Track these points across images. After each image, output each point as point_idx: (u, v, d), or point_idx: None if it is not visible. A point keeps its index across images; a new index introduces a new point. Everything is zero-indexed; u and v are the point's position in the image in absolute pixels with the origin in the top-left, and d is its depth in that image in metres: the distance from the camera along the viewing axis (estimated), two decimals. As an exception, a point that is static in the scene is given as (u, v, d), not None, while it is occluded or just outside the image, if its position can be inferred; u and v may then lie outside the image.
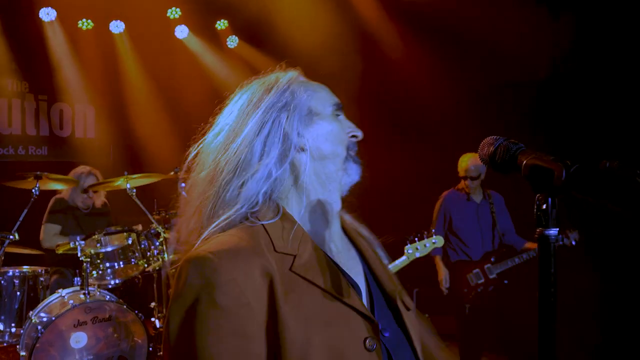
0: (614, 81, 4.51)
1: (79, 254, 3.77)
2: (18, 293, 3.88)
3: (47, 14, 6.05)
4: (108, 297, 3.76)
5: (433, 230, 3.72)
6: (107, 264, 4.11)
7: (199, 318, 0.95)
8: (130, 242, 4.09)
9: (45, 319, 3.53)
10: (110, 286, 4.13)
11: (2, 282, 3.84)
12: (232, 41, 7.04)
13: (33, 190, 3.87)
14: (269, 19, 6.27)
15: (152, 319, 4.37)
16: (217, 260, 0.97)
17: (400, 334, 1.13)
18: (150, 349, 3.80)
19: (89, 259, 3.76)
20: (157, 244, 4.17)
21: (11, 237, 3.74)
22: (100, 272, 4.02)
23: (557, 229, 0.84)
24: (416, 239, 3.59)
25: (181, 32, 6.79)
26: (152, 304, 4.46)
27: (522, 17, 4.94)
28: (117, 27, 6.50)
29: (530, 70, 5.11)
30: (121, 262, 4.10)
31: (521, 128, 4.89)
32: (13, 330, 3.83)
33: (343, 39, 5.90)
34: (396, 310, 1.15)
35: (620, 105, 4.47)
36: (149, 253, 4.20)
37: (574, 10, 4.79)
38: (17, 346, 3.67)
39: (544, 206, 0.83)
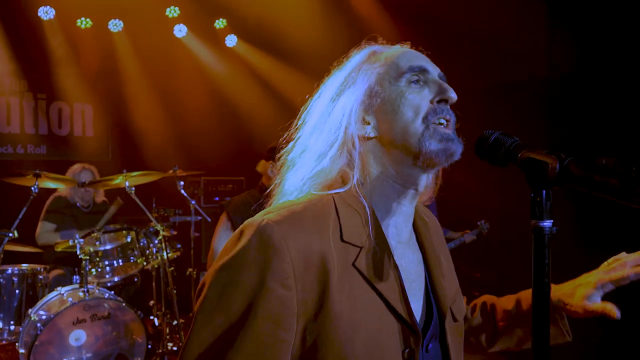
0: (614, 80, 4.50)
1: (78, 252, 3.78)
2: (17, 291, 3.89)
3: (45, 13, 6.05)
4: (107, 294, 3.76)
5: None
6: (106, 262, 4.12)
7: (241, 288, 0.92)
8: (129, 240, 4.10)
9: (44, 317, 3.54)
10: (109, 284, 4.15)
11: (1, 280, 3.85)
12: (231, 40, 7.04)
13: (32, 188, 3.88)
14: (267, 18, 6.29)
15: (151, 317, 4.38)
16: (280, 238, 0.93)
17: (440, 350, 1.09)
18: (149, 346, 3.81)
19: (88, 257, 3.77)
20: (156, 242, 4.19)
21: (10, 234, 3.75)
22: (99, 269, 4.03)
23: (552, 221, 0.85)
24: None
25: (180, 31, 6.79)
26: (151, 302, 4.47)
27: (519, 16, 4.93)
28: (115, 25, 6.50)
29: (528, 70, 5.11)
30: (120, 260, 4.11)
31: (520, 127, 4.89)
32: (12, 328, 3.83)
33: (341, 38, 5.90)
34: (443, 324, 1.11)
35: (622, 104, 4.46)
36: (147, 251, 4.21)
37: (573, 9, 4.78)
38: (16, 344, 3.67)
39: (539, 198, 0.84)
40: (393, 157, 1.05)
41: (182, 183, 4.44)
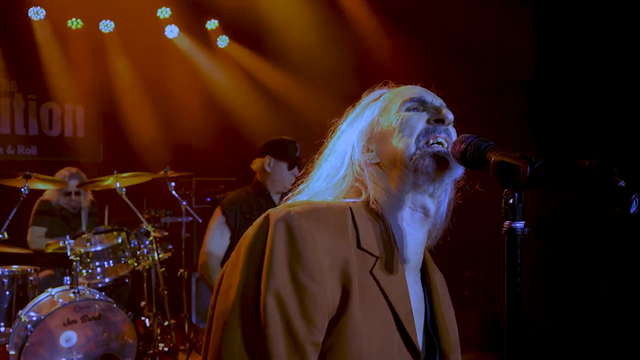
0: (603, 80, 4.50)
1: (69, 253, 3.78)
2: (7, 292, 3.88)
3: (36, 13, 6.03)
4: (98, 295, 3.77)
5: None
6: (97, 263, 4.13)
7: (273, 279, 0.89)
8: (120, 241, 4.11)
9: (34, 318, 3.54)
10: (100, 285, 4.15)
11: (-9, 281, 3.84)
12: (223, 41, 7.05)
13: (22, 190, 3.88)
14: (259, 18, 6.30)
15: (142, 318, 4.39)
16: (308, 230, 0.93)
17: None
18: (140, 347, 3.82)
19: (78, 258, 3.77)
20: (147, 242, 4.20)
21: (0, 236, 3.75)
22: (90, 271, 4.03)
23: (523, 222, 0.88)
24: None
25: (171, 32, 6.78)
26: (142, 303, 4.48)
27: (505, 16, 4.95)
28: (106, 26, 6.49)
29: (515, 71, 5.12)
30: (111, 261, 4.11)
31: (507, 130, 4.90)
32: (2, 329, 3.83)
33: (332, 38, 5.93)
34: None
35: (610, 105, 4.47)
36: (138, 252, 4.22)
37: (559, 8, 4.80)
38: (7, 345, 3.67)
39: (511, 200, 0.88)
40: (396, 179, 1.07)
41: (173, 184, 4.45)
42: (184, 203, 4.56)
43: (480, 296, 5.40)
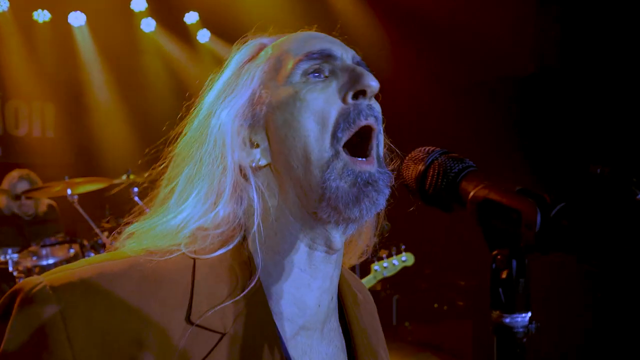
0: (602, 77, 4.28)
1: (11, 269, 3.36)
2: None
3: (-1, 5, 5.62)
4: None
5: (403, 247, 3.30)
6: (50, 278, 3.71)
7: None
8: (72, 253, 3.68)
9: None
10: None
11: None
12: (204, 35, 6.65)
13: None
14: (240, 11, 5.93)
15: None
16: (57, 314, 0.58)
17: None
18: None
19: (22, 275, 3.35)
20: (105, 255, 3.78)
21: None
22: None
23: (529, 313, 0.48)
24: (384, 256, 3.20)
25: (147, 25, 6.39)
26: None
27: (506, 10, 4.67)
28: (77, 19, 6.07)
29: (514, 66, 4.84)
30: (63, 277, 3.70)
31: (502, 126, 4.64)
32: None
33: (317, 30, 5.59)
34: None
35: (609, 104, 4.26)
36: (95, 266, 3.80)
37: (561, 3, 4.55)
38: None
39: (504, 274, 0.47)
40: (292, 196, 0.68)
41: (136, 189, 4.03)
42: (148, 211, 4.14)
43: (473, 305, 5.27)
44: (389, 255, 3.18)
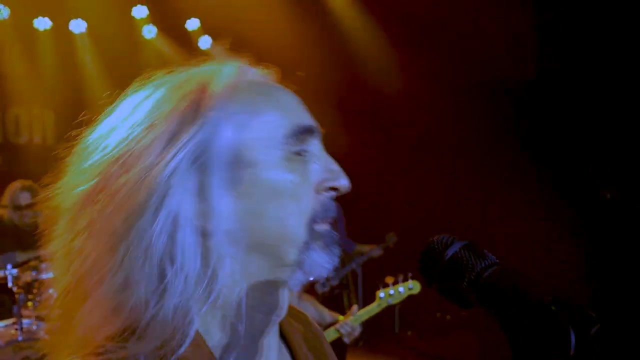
0: (603, 79, 4.26)
1: (10, 284, 3.32)
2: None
3: (-1, 12, 5.59)
4: (44, 332, 3.32)
5: (409, 274, 3.21)
6: (51, 291, 3.67)
7: None
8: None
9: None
10: (52, 317, 3.70)
11: None
12: (205, 42, 6.62)
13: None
14: (241, 18, 5.90)
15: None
16: None
17: None
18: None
19: (22, 290, 3.32)
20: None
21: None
22: (37, 303, 3.57)
23: None
24: (390, 283, 3.11)
25: (149, 32, 6.37)
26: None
27: (507, 12, 4.65)
28: (78, 26, 6.04)
29: (515, 68, 4.82)
30: (64, 291, 3.66)
31: (502, 127, 4.64)
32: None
33: (318, 38, 5.57)
34: None
35: (609, 105, 4.24)
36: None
37: (560, 8, 4.52)
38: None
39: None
40: (253, 268, 0.65)
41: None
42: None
43: (479, 315, 5.26)
44: (395, 283, 3.10)
